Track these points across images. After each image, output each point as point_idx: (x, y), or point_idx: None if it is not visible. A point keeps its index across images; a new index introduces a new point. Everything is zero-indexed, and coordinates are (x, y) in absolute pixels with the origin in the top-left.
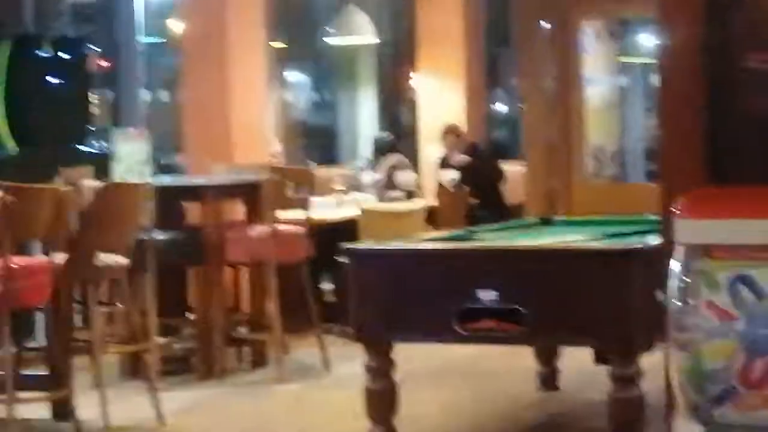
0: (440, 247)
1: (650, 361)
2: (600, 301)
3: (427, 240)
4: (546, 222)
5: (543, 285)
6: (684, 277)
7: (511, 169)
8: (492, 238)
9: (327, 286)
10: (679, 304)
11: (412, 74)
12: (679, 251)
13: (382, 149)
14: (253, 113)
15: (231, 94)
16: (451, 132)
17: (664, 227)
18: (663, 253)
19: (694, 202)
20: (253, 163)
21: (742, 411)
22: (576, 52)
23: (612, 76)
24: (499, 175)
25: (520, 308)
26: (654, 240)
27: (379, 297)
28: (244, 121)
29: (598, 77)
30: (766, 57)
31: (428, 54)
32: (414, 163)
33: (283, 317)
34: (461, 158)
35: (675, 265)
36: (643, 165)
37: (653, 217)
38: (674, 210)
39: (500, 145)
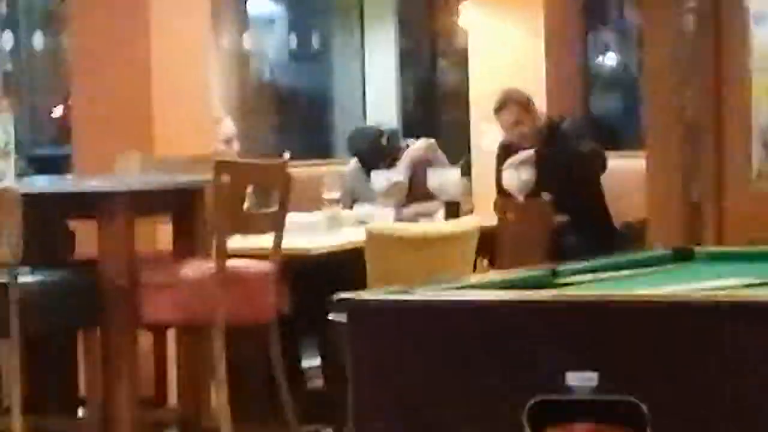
0: (504, 299)
1: None
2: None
3: (482, 286)
4: (683, 256)
5: (678, 363)
6: None
7: (624, 165)
8: (592, 285)
9: (311, 362)
10: None
11: (458, 6)
12: None
13: (371, 157)
14: (188, 72)
15: (149, 40)
16: (513, 104)
17: None
18: None
19: None
20: (188, 155)
21: None
22: None
23: None
24: (600, 164)
25: (638, 401)
26: None
27: (399, 383)
28: (172, 86)
29: None
30: None
31: None
32: (461, 156)
33: (238, 415)
34: (525, 154)
35: None
36: None
37: None
38: None
39: (604, 123)
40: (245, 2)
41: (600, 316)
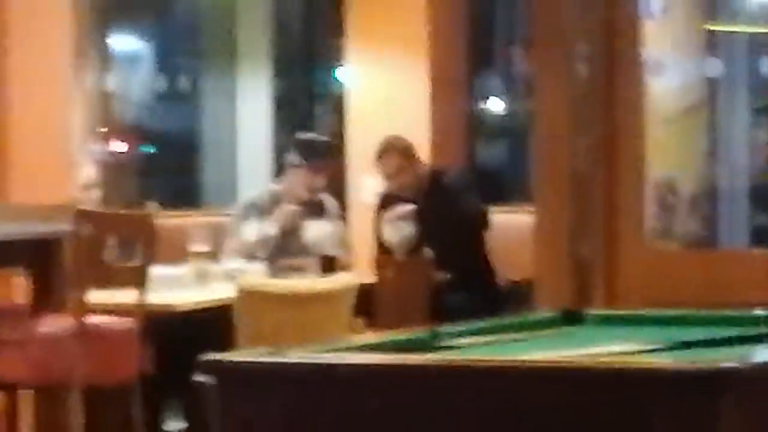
0: (381, 363)
1: None
2: None
3: (358, 348)
4: (572, 319)
5: (564, 430)
6: None
7: (510, 220)
8: (475, 348)
9: (174, 425)
10: None
11: (338, 45)
12: None
13: (311, 155)
14: (48, 115)
15: (6, 79)
16: (394, 152)
17: None
18: None
19: None
20: (45, 204)
21: None
22: (632, 14)
23: (695, 58)
24: (483, 223)
25: None
26: (763, 355)
27: None
28: (30, 129)
29: (669, 59)
30: None
31: (364, 12)
32: (339, 206)
33: None
34: (406, 208)
35: None
36: (746, 217)
37: (762, 313)
38: None
39: (490, 175)
40: (105, 38)
41: (489, 382)
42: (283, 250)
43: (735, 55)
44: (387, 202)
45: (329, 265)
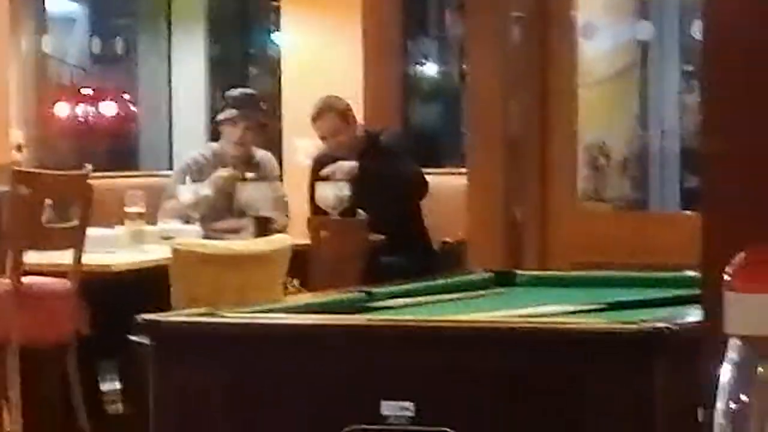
0: (316, 323)
1: None
2: (596, 422)
3: (293, 309)
4: (503, 279)
5: (495, 392)
6: (741, 394)
7: (444, 182)
8: (408, 308)
9: (110, 385)
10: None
11: (273, 8)
12: (735, 345)
13: (242, 108)
14: None
15: None
16: (331, 112)
17: (708, 296)
18: (708, 343)
19: (765, 261)
20: None
21: None
22: None
23: (626, 22)
24: (420, 190)
25: (451, 431)
26: (692, 316)
27: (204, 411)
28: None
29: (601, 23)
30: None
31: None
32: (273, 167)
33: None
34: (345, 165)
35: (727, 369)
36: (676, 179)
37: (691, 275)
38: (727, 274)
39: (424, 136)
40: (43, 1)
41: (419, 342)
42: (219, 211)
43: (666, 18)
44: (322, 163)
45: (264, 226)
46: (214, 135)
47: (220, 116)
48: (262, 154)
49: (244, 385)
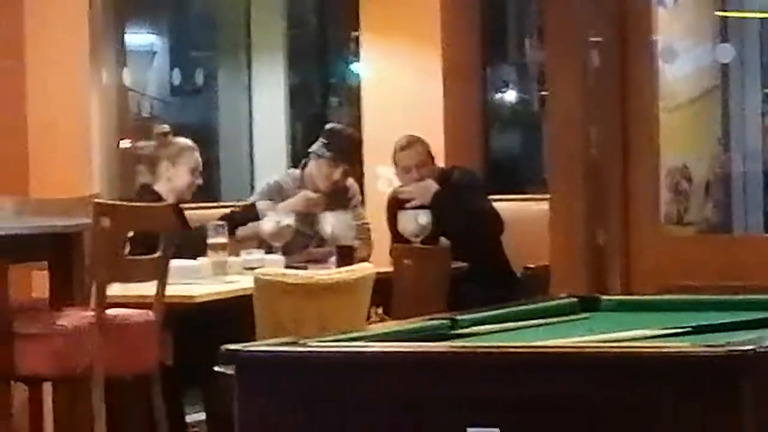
0: (401, 351)
1: None
2: None
3: (377, 338)
4: (588, 305)
5: (582, 418)
6: None
7: (525, 208)
8: (493, 335)
9: (195, 416)
10: None
11: (352, 37)
12: None
13: (343, 149)
14: (66, 111)
15: (24, 77)
16: (420, 145)
17: None
18: None
19: None
20: (63, 198)
21: None
22: (644, 1)
23: (708, 45)
24: (495, 228)
25: None
26: None
27: None
28: (49, 126)
29: (682, 46)
30: None
31: (378, 3)
32: (356, 195)
33: None
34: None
35: None
36: (760, 202)
37: None
38: None
39: (505, 162)
40: (123, 35)
41: (506, 369)
42: (302, 240)
43: (747, 40)
44: (398, 202)
45: (348, 255)
46: (294, 160)
47: (318, 149)
48: (350, 181)
49: (327, 414)
